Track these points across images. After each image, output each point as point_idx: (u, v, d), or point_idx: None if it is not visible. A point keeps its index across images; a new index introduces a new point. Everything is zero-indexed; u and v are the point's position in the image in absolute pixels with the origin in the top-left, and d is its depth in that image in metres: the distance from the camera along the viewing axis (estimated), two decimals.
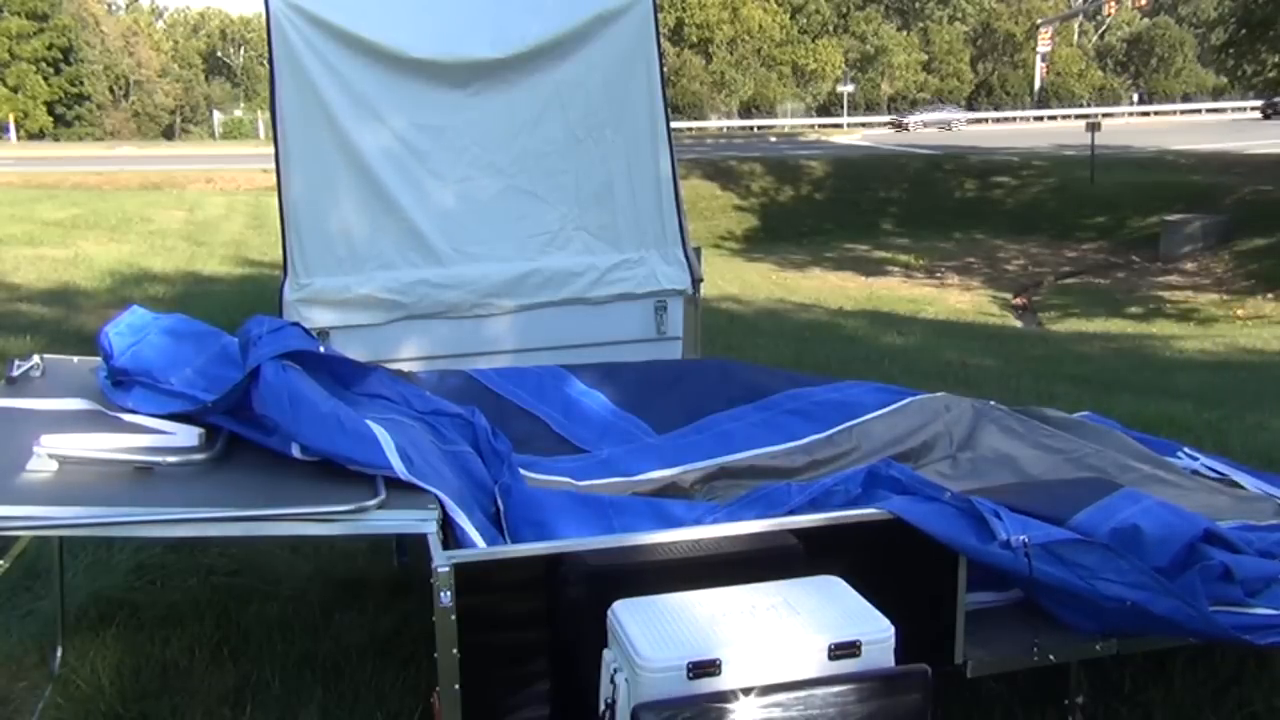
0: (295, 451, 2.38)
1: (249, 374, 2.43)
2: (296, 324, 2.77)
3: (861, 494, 2.57)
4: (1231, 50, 25.57)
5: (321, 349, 2.74)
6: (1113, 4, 59.90)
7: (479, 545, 2.26)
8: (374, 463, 2.33)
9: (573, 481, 3.21)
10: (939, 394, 3.70)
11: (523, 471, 3.00)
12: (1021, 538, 2.25)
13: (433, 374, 3.77)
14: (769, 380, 3.88)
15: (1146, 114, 55.71)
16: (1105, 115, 41.52)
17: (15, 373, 3.02)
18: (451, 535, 2.29)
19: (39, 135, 51.11)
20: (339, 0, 4.08)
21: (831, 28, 68.38)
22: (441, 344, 4.23)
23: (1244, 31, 23.86)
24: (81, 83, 54.07)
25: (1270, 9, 21.47)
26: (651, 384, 3.89)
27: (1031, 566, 2.26)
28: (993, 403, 3.74)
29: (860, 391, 3.71)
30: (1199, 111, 54.92)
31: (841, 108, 57.66)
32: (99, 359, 3.27)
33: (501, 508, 2.58)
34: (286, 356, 2.52)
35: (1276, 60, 24.02)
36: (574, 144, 4.36)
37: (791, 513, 2.54)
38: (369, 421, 2.45)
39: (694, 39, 61.02)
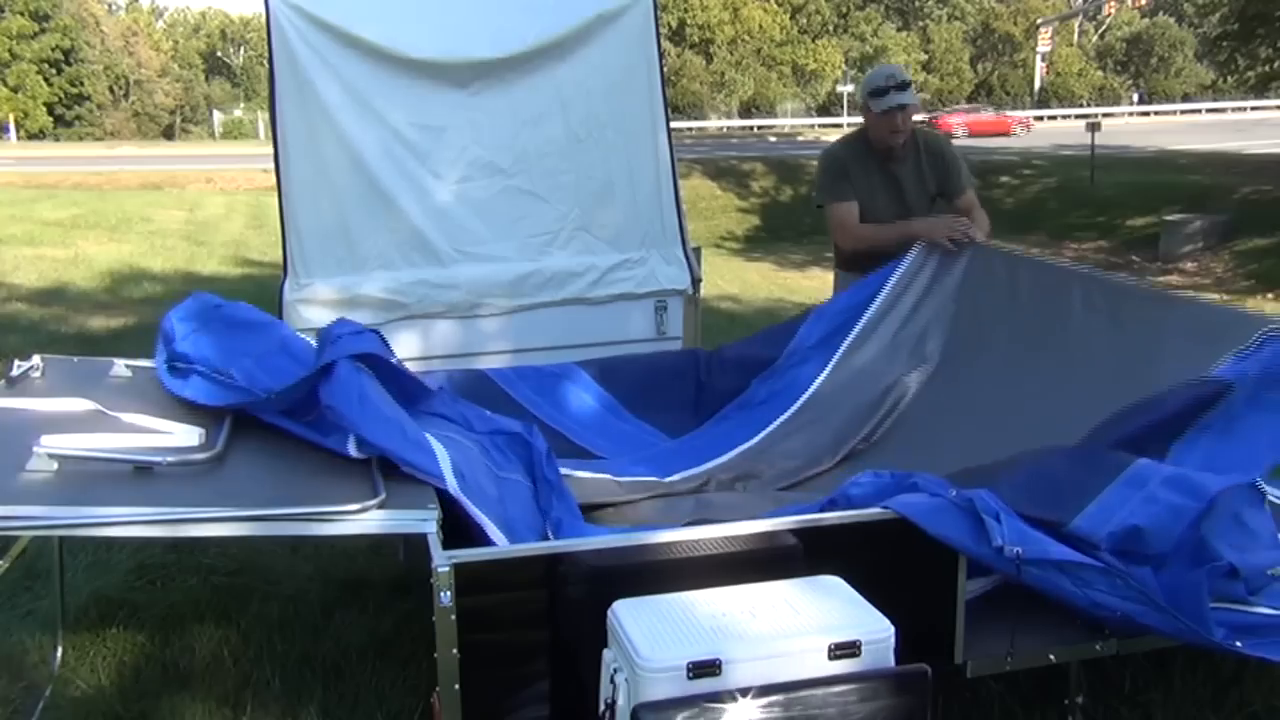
0: (352, 448, 2.41)
1: (322, 368, 2.46)
2: (377, 331, 2.78)
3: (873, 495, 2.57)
4: (1226, 44, 25.42)
5: (394, 361, 2.74)
6: (1113, 4, 59.91)
7: None
8: (429, 471, 2.35)
9: (614, 478, 3.36)
10: None
11: (566, 472, 3.03)
12: (1016, 549, 2.25)
13: (455, 373, 3.83)
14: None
15: (1146, 114, 55.71)
16: (1105, 115, 41.49)
17: (15, 373, 3.02)
18: None
19: (39, 135, 51.11)
20: (339, 0, 4.08)
21: (831, 28, 68.38)
22: (441, 344, 4.23)
23: (1236, 25, 23.72)
24: (81, 83, 54.05)
25: (1265, 3, 21.36)
26: (657, 382, 4.05)
27: (1022, 571, 2.26)
28: None
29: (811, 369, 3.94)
30: (1199, 111, 54.89)
31: (842, 108, 57.65)
32: (99, 359, 3.28)
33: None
34: (362, 360, 2.55)
35: (1267, 54, 23.87)
36: (574, 144, 4.36)
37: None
38: (429, 436, 2.48)
39: (695, 39, 61.03)
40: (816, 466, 3.59)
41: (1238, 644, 2.21)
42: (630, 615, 1.90)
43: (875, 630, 1.89)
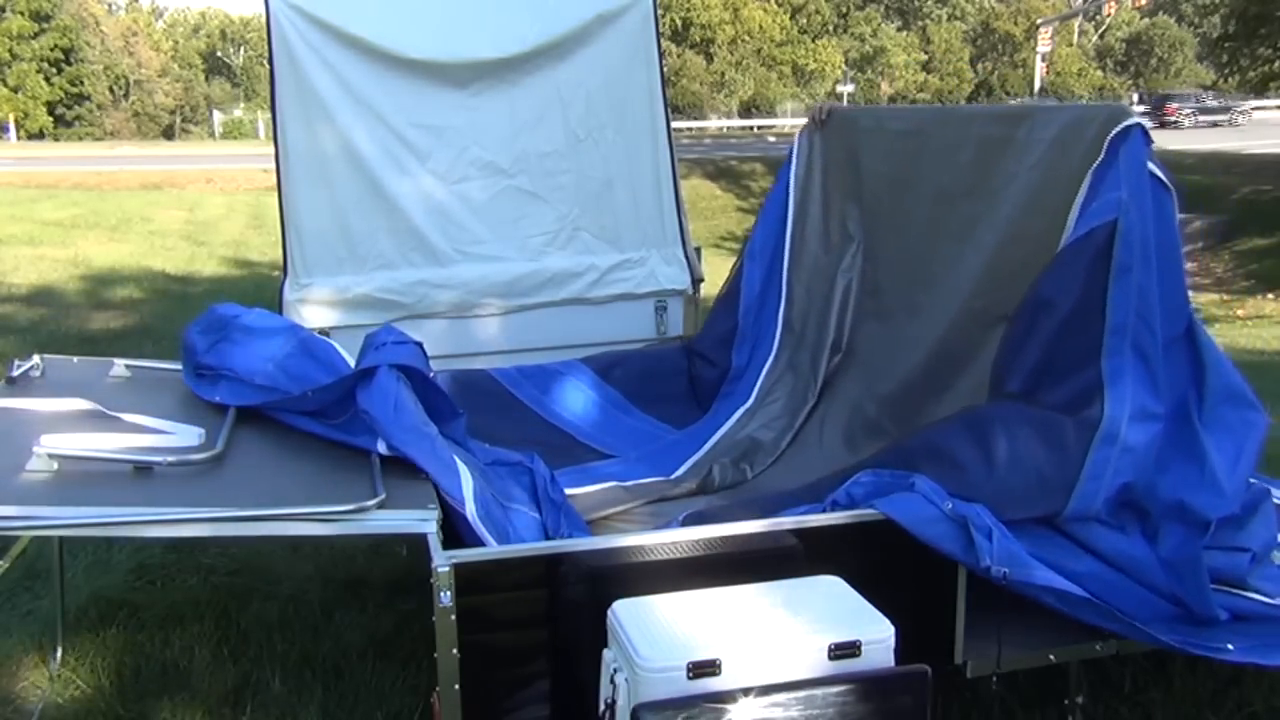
0: (381, 448, 2.46)
1: (362, 371, 2.51)
2: (419, 343, 2.80)
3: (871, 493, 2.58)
4: (1227, 45, 25.44)
5: (430, 376, 2.76)
6: (1113, 4, 59.87)
7: None
8: (450, 493, 2.36)
9: (620, 484, 3.40)
10: None
11: (571, 491, 3.04)
12: (1004, 569, 2.27)
13: (459, 373, 3.84)
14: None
15: (1146, 114, 55.59)
16: None
17: (15, 373, 3.02)
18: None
19: (39, 135, 51.07)
20: (339, 0, 4.08)
21: (831, 28, 68.35)
22: (441, 344, 4.23)
23: (1236, 26, 23.74)
24: (82, 83, 53.99)
25: (1266, 4, 21.39)
26: (660, 375, 4.14)
27: (1010, 586, 2.28)
28: None
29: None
30: None
31: None
32: (99, 359, 3.28)
33: None
34: (401, 370, 2.58)
35: (1268, 54, 23.89)
36: (574, 144, 4.37)
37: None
38: (456, 458, 2.50)
39: (695, 39, 61.02)
40: (805, 406, 3.72)
41: (1229, 647, 2.22)
42: (630, 615, 1.90)
43: (875, 630, 1.89)
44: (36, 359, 3.13)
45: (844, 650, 1.85)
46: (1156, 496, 2.42)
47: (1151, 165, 2.59)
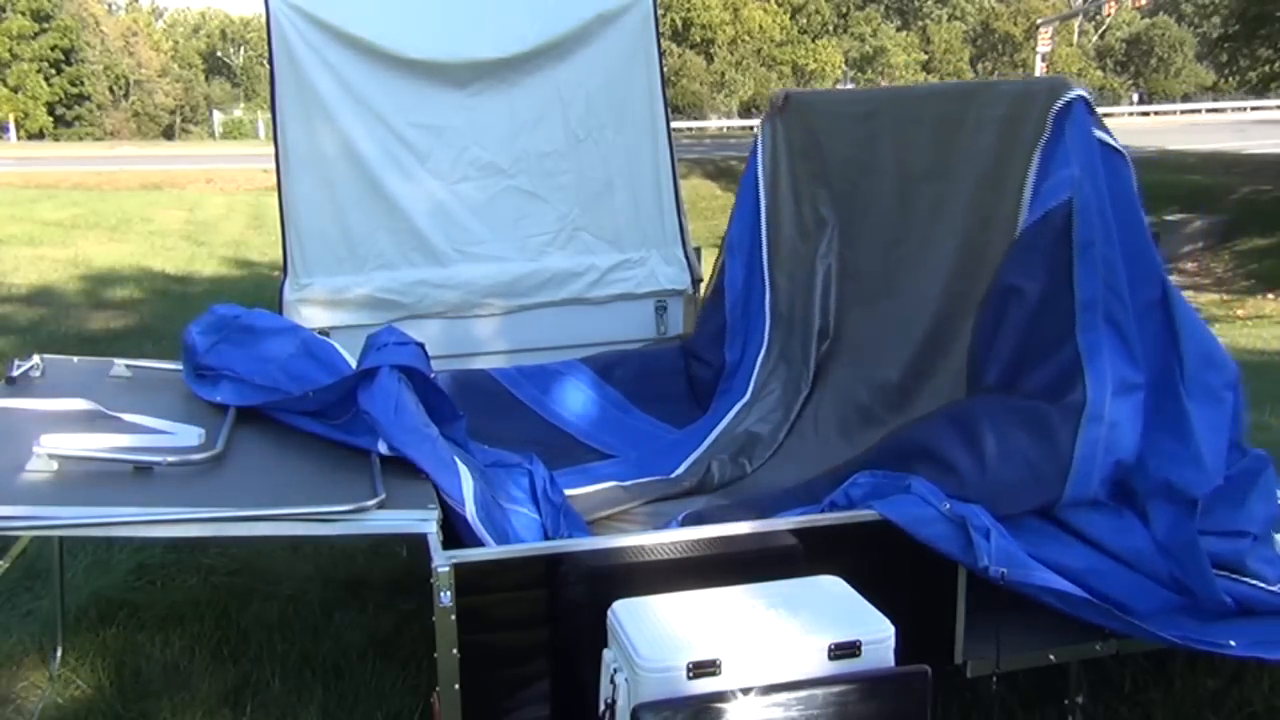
0: (382, 448, 2.47)
1: (363, 372, 2.52)
2: (421, 345, 2.80)
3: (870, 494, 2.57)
4: (1227, 45, 25.45)
5: (431, 376, 2.76)
6: (1112, 4, 59.88)
7: None
8: (449, 492, 2.36)
9: (620, 484, 3.39)
10: None
11: (571, 492, 3.03)
12: (1002, 570, 2.27)
13: (459, 373, 3.84)
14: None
15: (1146, 114, 55.62)
16: (1106, 115, 41.36)
17: (15, 373, 3.02)
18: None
19: (39, 135, 51.08)
20: (339, 0, 4.08)
21: (831, 28, 68.36)
22: (441, 344, 4.23)
23: (1237, 26, 23.75)
24: (82, 83, 53.99)
25: (1266, 4, 21.40)
26: (660, 374, 4.13)
27: (1009, 586, 2.28)
28: None
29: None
30: (1199, 111, 54.82)
31: None
32: (99, 359, 3.28)
33: None
34: (402, 371, 2.58)
35: (1268, 55, 23.90)
36: (574, 144, 4.37)
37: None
38: (457, 459, 2.50)
39: (696, 39, 61.05)
40: (800, 396, 3.73)
41: (1232, 643, 2.22)
42: (630, 615, 1.90)
43: (875, 630, 1.89)
44: (36, 359, 3.13)
45: (844, 650, 1.85)
46: (1145, 474, 2.41)
47: (1099, 133, 2.59)
